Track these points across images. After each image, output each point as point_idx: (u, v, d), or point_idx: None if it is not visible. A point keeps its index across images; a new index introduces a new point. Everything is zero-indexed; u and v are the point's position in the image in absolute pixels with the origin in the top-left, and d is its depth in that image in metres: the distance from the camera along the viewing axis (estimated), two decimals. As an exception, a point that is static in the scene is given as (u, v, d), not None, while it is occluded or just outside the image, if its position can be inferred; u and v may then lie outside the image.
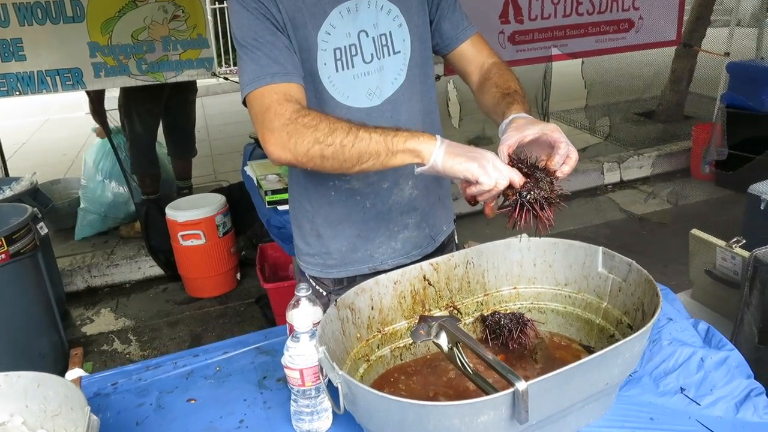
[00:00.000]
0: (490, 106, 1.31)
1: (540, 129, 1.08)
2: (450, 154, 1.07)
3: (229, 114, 8.02)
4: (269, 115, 1.16)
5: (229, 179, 5.05)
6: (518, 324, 1.24)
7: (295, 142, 1.13)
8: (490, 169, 1.03)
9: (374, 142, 1.10)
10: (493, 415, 0.84)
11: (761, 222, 3.08)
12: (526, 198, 1.00)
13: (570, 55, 4.53)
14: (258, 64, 1.19)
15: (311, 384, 1.03)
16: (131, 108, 3.80)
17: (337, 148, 1.11)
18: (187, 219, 3.33)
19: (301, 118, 1.14)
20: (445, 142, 1.09)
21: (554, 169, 1.05)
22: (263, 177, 2.57)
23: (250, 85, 1.19)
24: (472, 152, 1.07)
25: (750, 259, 1.62)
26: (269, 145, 1.17)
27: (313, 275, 1.50)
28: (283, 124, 1.14)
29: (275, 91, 1.17)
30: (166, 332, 3.27)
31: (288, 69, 1.20)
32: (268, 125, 1.16)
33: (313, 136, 1.12)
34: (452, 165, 1.06)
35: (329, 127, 1.12)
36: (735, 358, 1.14)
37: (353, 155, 1.11)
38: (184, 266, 3.54)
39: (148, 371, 1.32)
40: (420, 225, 1.46)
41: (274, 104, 1.16)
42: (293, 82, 1.20)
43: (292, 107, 1.15)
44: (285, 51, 1.21)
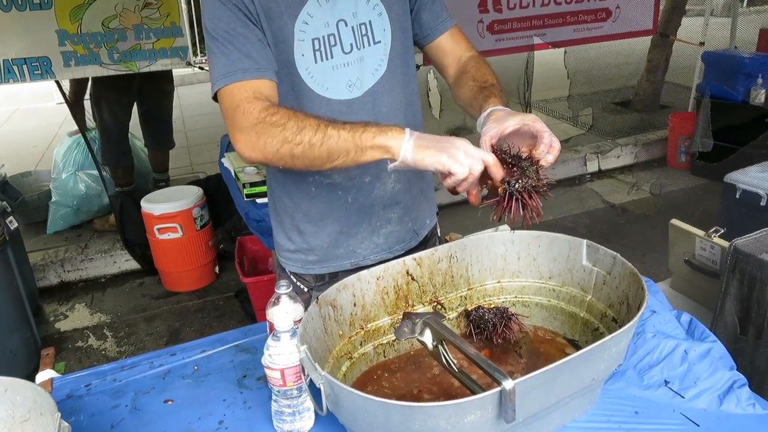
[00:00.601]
0: (467, 100, 1.29)
1: (520, 120, 1.06)
2: (419, 147, 1.04)
3: (206, 104, 7.88)
4: (238, 114, 1.13)
5: (207, 171, 4.97)
6: (502, 318, 1.23)
7: (264, 142, 1.11)
8: (462, 157, 1.00)
9: (342, 140, 1.07)
10: (480, 414, 0.82)
11: (737, 210, 3.13)
12: (514, 187, 0.97)
13: (548, 45, 4.53)
14: (229, 58, 1.15)
15: (293, 384, 1.00)
16: (100, 97, 3.70)
17: (306, 147, 1.09)
18: (163, 212, 3.26)
19: (270, 117, 1.11)
20: (414, 134, 1.06)
21: (539, 158, 1.03)
22: (241, 169, 2.51)
23: (220, 81, 1.15)
24: (441, 142, 1.03)
25: (730, 248, 1.63)
26: (239, 145, 1.15)
27: (294, 271, 1.46)
28: (252, 124, 1.11)
29: (245, 88, 1.14)
30: (143, 327, 3.20)
31: (260, 64, 1.17)
32: (237, 124, 1.13)
33: (282, 136, 1.09)
34: (422, 158, 1.03)
35: (297, 125, 1.09)
36: (718, 349, 1.14)
37: (323, 154, 1.08)
38: (160, 260, 3.47)
39: (123, 371, 1.28)
40: (403, 219, 1.43)
41: (243, 102, 1.13)
42: (265, 78, 1.17)
43: (261, 105, 1.12)
44: (257, 44, 1.17)
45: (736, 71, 4.32)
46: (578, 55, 5.37)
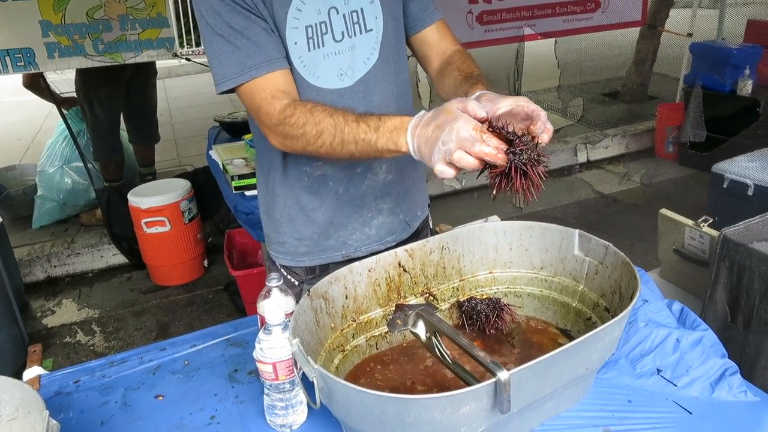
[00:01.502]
0: (451, 89, 1.27)
1: (513, 101, 1.04)
2: (420, 148, 1.00)
3: (193, 96, 7.81)
4: (262, 115, 1.17)
5: (194, 163, 4.92)
6: (495, 309, 1.22)
7: (290, 143, 1.16)
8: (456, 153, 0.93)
9: (359, 147, 1.08)
10: (475, 405, 0.81)
11: (725, 199, 3.15)
12: (521, 158, 0.94)
13: (538, 35, 4.52)
14: (238, 55, 1.15)
15: (285, 377, 0.99)
16: (90, 92, 3.63)
17: (327, 149, 1.11)
18: (150, 205, 3.22)
19: (288, 119, 1.14)
20: (416, 133, 1.01)
21: (536, 134, 1.00)
22: (229, 161, 2.49)
23: (234, 79, 1.16)
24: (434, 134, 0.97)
25: (719, 238, 1.63)
26: (271, 139, 1.19)
27: (284, 264, 1.45)
28: (276, 124, 1.16)
29: (262, 87, 1.16)
30: (131, 322, 3.18)
31: (270, 55, 1.17)
32: (264, 122, 1.18)
33: (304, 140, 1.13)
34: (423, 159, 1.01)
35: (315, 129, 1.11)
36: (709, 337, 1.14)
37: (344, 155, 1.11)
38: (148, 254, 3.44)
39: (112, 367, 1.26)
40: (394, 210, 1.42)
41: (264, 104, 1.16)
42: (278, 68, 1.17)
43: (280, 105, 1.15)
44: (263, 35, 1.16)
45: (723, 62, 4.34)
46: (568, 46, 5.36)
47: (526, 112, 1.01)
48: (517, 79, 4.64)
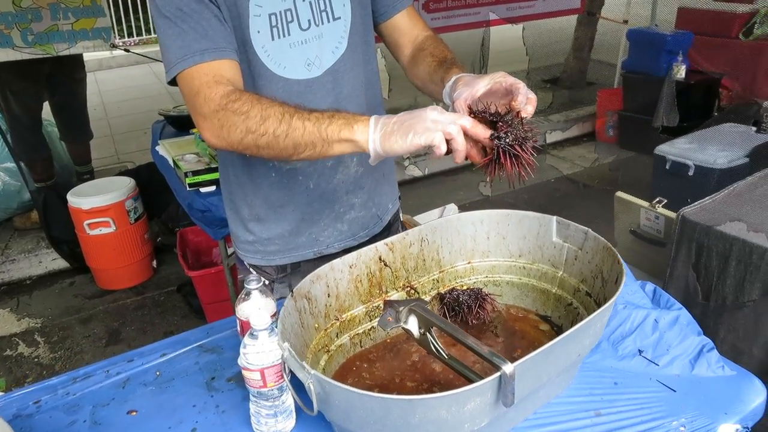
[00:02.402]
0: (426, 75, 1.25)
1: (490, 78, 1.02)
2: (385, 136, 0.97)
3: (128, 89, 7.46)
4: (199, 100, 1.06)
5: (135, 160, 4.71)
6: (477, 299, 1.21)
7: (227, 131, 1.05)
8: (430, 124, 0.93)
9: (308, 133, 1.00)
10: (480, 401, 0.80)
11: (668, 180, 3.29)
12: (506, 140, 0.93)
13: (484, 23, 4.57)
14: (184, 39, 1.07)
15: (273, 384, 0.94)
16: (4, 87, 3.36)
17: (270, 138, 1.02)
18: (93, 206, 3.05)
19: (231, 104, 1.04)
20: (380, 122, 0.98)
21: (518, 109, 0.98)
22: (180, 157, 2.38)
23: (177, 65, 1.07)
24: (406, 122, 0.96)
25: (678, 218, 1.69)
26: (203, 132, 1.09)
27: (254, 264, 1.39)
28: (213, 111, 1.05)
29: (205, 71, 1.07)
30: (78, 330, 3.00)
31: (218, 43, 1.09)
32: (199, 111, 1.07)
33: (245, 125, 1.03)
34: (391, 147, 0.96)
35: (261, 114, 1.02)
36: (685, 316, 1.18)
37: (288, 145, 1.02)
38: (93, 257, 3.26)
39: (76, 383, 1.17)
40: (366, 204, 1.39)
41: (204, 88, 1.06)
42: (225, 58, 1.09)
43: (222, 91, 1.05)
44: (214, 21, 1.09)
45: (658, 48, 4.51)
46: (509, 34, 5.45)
47: (505, 87, 1.00)
48: (483, 66, 4.68)
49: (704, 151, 3.19)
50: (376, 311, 1.19)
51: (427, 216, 2.90)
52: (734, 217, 1.63)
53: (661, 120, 4.23)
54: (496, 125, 0.95)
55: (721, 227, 1.59)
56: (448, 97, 1.12)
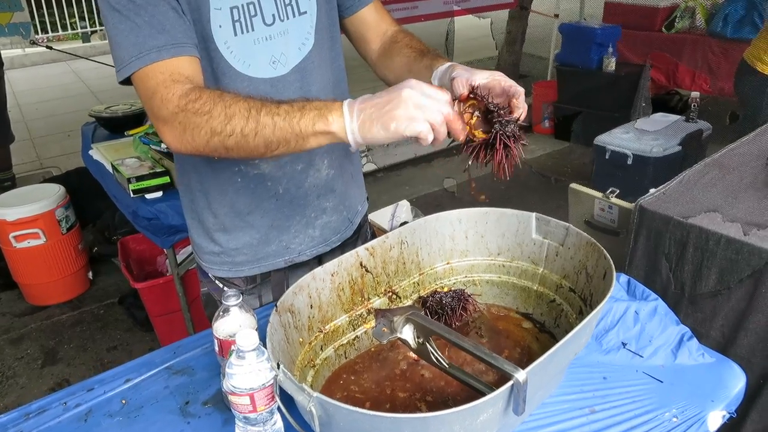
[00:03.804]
0: (404, 66, 1.20)
1: (490, 74, 0.99)
2: (364, 125, 0.89)
3: (45, 89, 6.99)
4: (156, 102, 0.97)
5: (60, 165, 4.41)
6: (460, 301, 1.19)
7: (190, 134, 0.96)
8: (414, 114, 0.86)
9: (278, 129, 0.92)
10: (492, 411, 0.77)
11: (608, 169, 3.41)
12: (506, 128, 0.89)
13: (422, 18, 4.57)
14: (138, 35, 0.97)
15: (264, 407, 0.88)
16: None
17: (238, 139, 0.94)
18: (20, 216, 2.81)
19: (192, 104, 0.95)
20: (355, 108, 0.90)
21: (517, 108, 0.96)
22: (120, 162, 2.22)
23: (131, 64, 0.97)
24: (384, 107, 0.88)
25: (636, 207, 1.73)
26: (165, 136, 1.00)
27: (221, 276, 1.31)
28: (173, 113, 0.96)
29: (161, 70, 0.97)
30: (9, 352, 2.77)
31: (176, 38, 0.99)
32: (157, 114, 0.98)
33: (209, 126, 0.94)
34: (372, 136, 0.89)
35: (225, 113, 0.93)
36: (662, 306, 1.20)
37: (259, 145, 0.94)
38: (20, 272, 3.01)
39: (28, 420, 1.05)
40: (338, 208, 1.33)
41: (160, 88, 0.96)
42: (183, 54, 1.00)
43: (180, 90, 0.96)
44: (171, 14, 1.00)
45: (589, 41, 4.67)
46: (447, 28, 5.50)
47: (502, 87, 0.97)
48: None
49: (640, 141, 3.33)
50: (359, 320, 1.14)
51: (380, 214, 2.86)
52: (689, 204, 1.69)
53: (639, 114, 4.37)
54: (493, 114, 0.93)
55: (676, 215, 1.64)
56: (438, 80, 1.08)
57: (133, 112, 2.77)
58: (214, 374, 1.12)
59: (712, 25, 4.64)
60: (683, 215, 1.63)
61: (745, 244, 1.50)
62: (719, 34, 4.53)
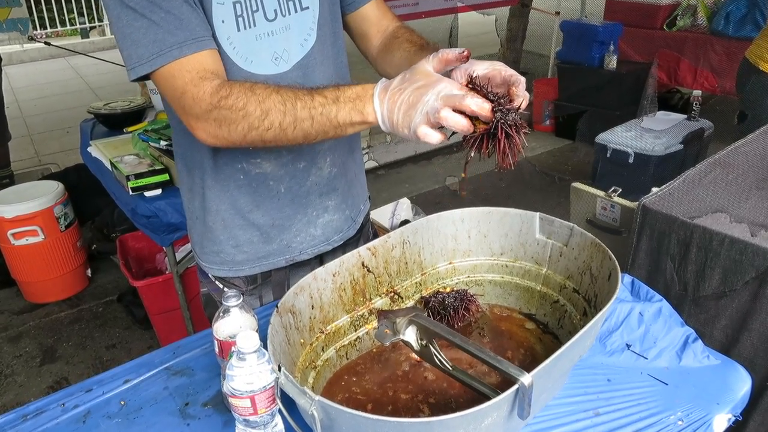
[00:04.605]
0: (404, 61, 1.18)
1: (490, 65, 0.98)
2: (397, 127, 0.90)
3: (44, 86, 6.97)
4: (187, 101, 0.98)
5: (59, 162, 4.39)
6: (462, 301, 1.18)
7: (227, 129, 0.98)
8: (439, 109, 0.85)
9: (317, 123, 0.95)
10: (497, 415, 0.76)
11: (610, 167, 3.39)
12: (508, 117, 0.88)
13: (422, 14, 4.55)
14: (156, 32, 0.96)
15: (265, 410, 0.86)
16: None
17: (277, 132, 0.97)
18: (18, 214, 2.79)
19: (224, 101, 0.96)
20: (385, 99, 0.90)
21: (517, 97, 0.94)
22: (118, 159, 2.20)
23: (153, 61, 0.97)
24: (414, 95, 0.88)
25: (639, 207, 1.72)
26: (198, 132, 1.02)
27: (220, 276, 1.29)
28: (206, 111, 0.97)
29: (187, 68, 0.98)
30: (7, 350, 2.75)
31: (195, 32, 0.99)
32: (189, 111, 0.99)
33: (246, 123, 0.96)
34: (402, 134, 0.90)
35: (261, 108, 0.95)
36: (666, 308, 1.18)
37: (297, 136, 0.97)
38: (19, 269, 3.00)
39: (26, 421, 1.04)
40: (340, 207, 1.32)
41: (189, 87, 0.98)
42: (205, 48, 1.00)
43: (210, 87, 0.97)
44: (185, 8, 0.99)
45: (590, 39, 4.65)
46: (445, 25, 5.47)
47: (503, 76, 0.96)
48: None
49: (642, 139, 3.32)
50: (361, 320, 1.13)
51: (380, 212, 2.85)
52: (692, 204, 1.67)
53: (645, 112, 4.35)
54: (493, 104, 0.91)
55: (680, 215, 1.63)
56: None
57: (131, 108, 2.75)
58: (213, 375, 1.11)
59: (713, 23, 4.62)
60: (687, 215, 1.62)
61: (750, 245, 1.49)
62: (721, 32, 4.51)
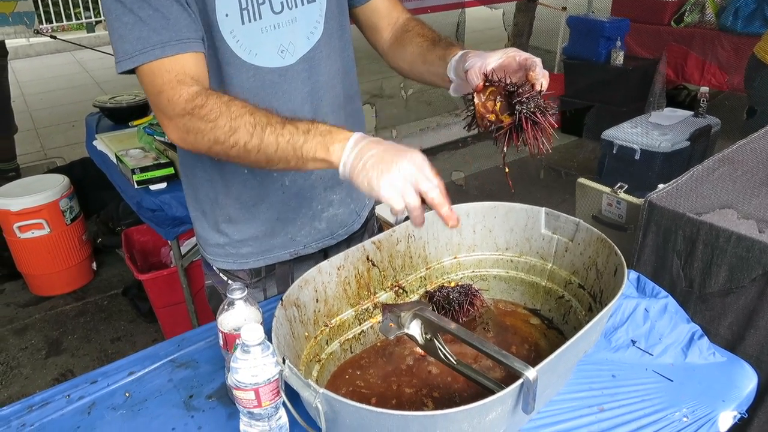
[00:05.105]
0: (417, 56, 1.19)
1: (503, 53, 0.98)
2: (355, 168, 0.89)
3: (49, 80, 6.98)
4: (162, 101, 0.99)
5: (64, 155, 4.41)
6: (467, 296, 1.17)
7: (194, 138, 0.98)
8: (398, 183, 0.87)
9: (281, 150, 0.94)
10: (501, 410, 0.76)
11: (616, 164, 3.38)
12: (528, 106, 0.88)
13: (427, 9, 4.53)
14: (142, 29, 0.96)
15: (269, 403, 0.86)
16: None
17: (240, 151, 0.96)
18: (24, 207, 2.80)
19: (198, 110, 0.96)
20: (358, 147, 0.90)
21: (535, 81, 0.94)
22: (124, 153, 2.21)
23: (135, 58, 0.97)
24: (380, 165, 0.88)
25: (645, 203, 1.71)
26: (169, 132, 1.02)
27: (225, 269, 1.29)
28: (179, 114, 0.97)
29: (166, 69, 0.98)
30: (13, 342, 2.77)
31: (181, 33, 0.98)
32: (163, 110, 1.00)
33: (213, 135, 0.96)
34: (356, 184, 0.91)
35: (230, 125, 0.95)
36: (672, 304, 1.18)
37: (260, 159, 0.96)
38: (24, 262, 3.01)
39: (32, 412, 1.04)
40: (345, 201, 1.31)
41: (167, 88, 0.98)
42: (188, 51, 1.00)
43: (187, 93, 0.97)
44: (176, 8, 0.98)
45: (597, 34, 4.62)
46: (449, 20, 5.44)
47: (518, 62, 0.95)
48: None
49: (648, 136, 3.30)
50: (365, 314, 1.13)
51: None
52: (699, 200, 1.66)
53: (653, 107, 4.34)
54: (513, 95, 0.91)
55: (686, 211, 1.62)
56: (453, 72, 1.08)
57: (137, 102, 2.75)
58: (218, 368, 1.11)
59: (722, 19, 4.58)
60: (694, 211, 1.61)
61: (757, 242, 1.48)
62: (729, 28, 4.48)
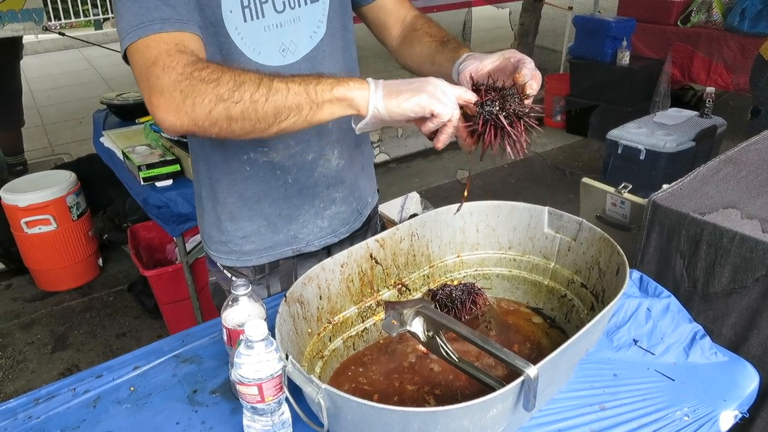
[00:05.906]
0: (425, 56, 1.20)
1: (500, 55, 0.99)
2: (390, 94, 0.90)
3: (57, 76, 7.02)
4: (156, 71, 0.90)
5: (71, 152, 4.43)
6: (470, 294, 1.18)
7: (192, 102, 0.89)
8: (441, 95, 0.89)
9: (293, 94, 0.90)
10: (502, 407, 0.76)
11: (620, 164, 3.37)
12: (487, 110, 0.87)
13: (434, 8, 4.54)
14: (141, 6, 0.93)
15: (272, 398, 0.87)
16: None
17: (246, 105, 0.89)
18: (31, 203, 2.82)
19: (198, 72, 0.90)
20: (381, 82, 0.92)
21: (522, 82, 0.94)
22: (130, 149, 2.22)
23: (132, 33, 0.92)
24: (414, 83, 0.91)
25: (649, 203, 1.71)
26: (158, 110, 0.91)
27: (228, 265, 1.30)
28: (175, 81, 0.89)
29: (164, 40, 0.92)
30: (19, 337, 2.79)
31: (181, 15, 0.96)
32: (154, 84, 0.90)
33: (215, 93, 0.89)
34: (398, 105, 0.89)
35: (234, 80, 0.90)
36: (675, 304, 1.18)
37: (268, 112, 0.90)
38: (31, 257, 3.03)
39: (38, 405, 1.06)
40: (347, 199, 1.32)
41: (163, 56, 0.90)
42: (188, 31, 0.96)
43: (186, 59, 0.91)
44: None
45: (603, 34, 4.61)
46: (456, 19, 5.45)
47: (513, 63, 0.96)
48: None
49: (653, 136, 3.29)
50: (369, 311, 1.13)
51: (390, 206, 2.85)
52: (703, 200, 1.66)
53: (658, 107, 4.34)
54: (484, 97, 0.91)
55: (690, 211, 1.62)
56: (455, 74, 1.08)
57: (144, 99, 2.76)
58: (222, 363, 1.12)
59: (728, 19, 4.56)
60: (698, 211, 1.61)
61: (760, 242, 1.48)
62: (736, 28, 4.46)
